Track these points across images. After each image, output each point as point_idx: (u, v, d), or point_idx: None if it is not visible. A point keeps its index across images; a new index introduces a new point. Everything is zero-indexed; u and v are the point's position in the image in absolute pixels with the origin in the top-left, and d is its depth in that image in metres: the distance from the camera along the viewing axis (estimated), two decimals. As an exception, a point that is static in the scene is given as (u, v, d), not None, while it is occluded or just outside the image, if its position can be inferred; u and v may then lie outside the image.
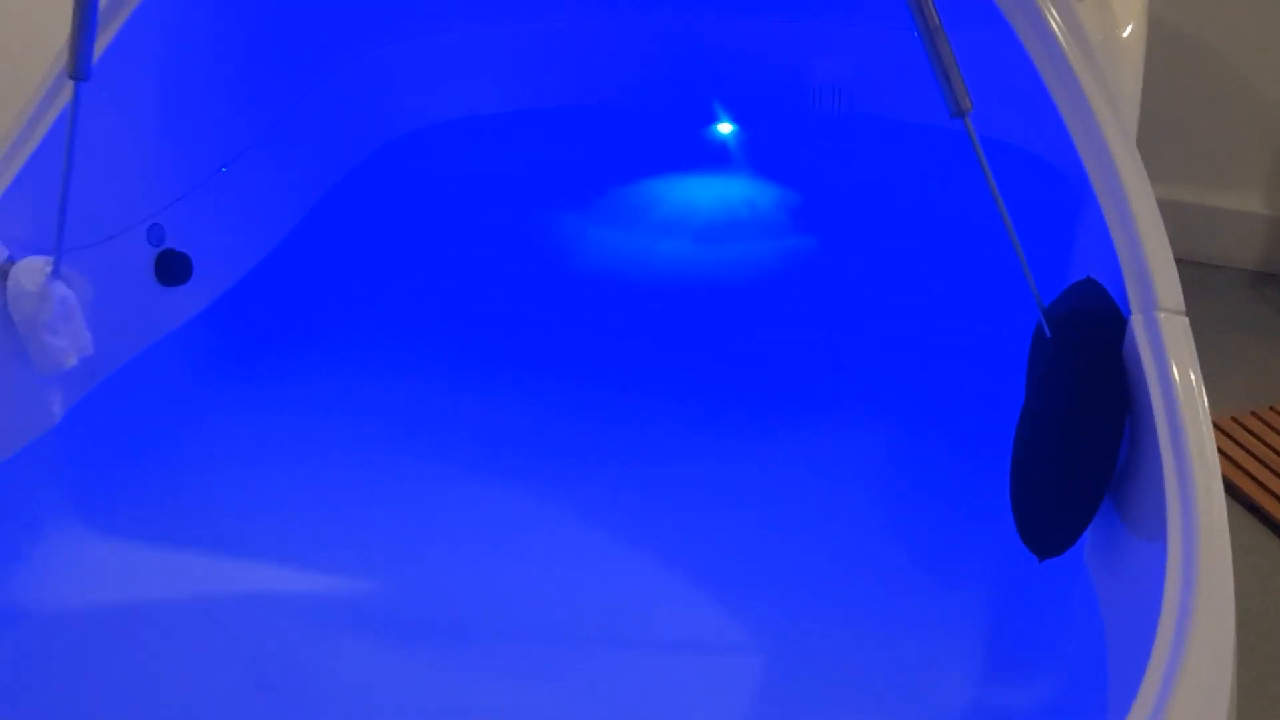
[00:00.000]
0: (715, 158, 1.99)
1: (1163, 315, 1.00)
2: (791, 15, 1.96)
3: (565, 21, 1.97)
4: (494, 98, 1.95)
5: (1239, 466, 1.74)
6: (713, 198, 1.91)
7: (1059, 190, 1.52)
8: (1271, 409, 1.86)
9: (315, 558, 1.28)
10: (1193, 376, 0.97)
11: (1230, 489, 1.72)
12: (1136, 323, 1.01)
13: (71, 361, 1.28)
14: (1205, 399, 0.96)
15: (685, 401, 1.50)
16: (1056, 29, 1.09)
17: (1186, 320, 1.00)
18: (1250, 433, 1.81)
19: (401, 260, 1.76)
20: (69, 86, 1.24)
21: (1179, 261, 1.04)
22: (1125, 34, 1.46)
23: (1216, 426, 1.80)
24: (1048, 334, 1.07)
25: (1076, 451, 1.03)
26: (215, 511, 1.34)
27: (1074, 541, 1.05)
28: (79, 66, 1.14)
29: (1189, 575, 0.86)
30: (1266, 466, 1.74)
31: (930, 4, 0.94)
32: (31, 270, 1.24)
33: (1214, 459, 0.93)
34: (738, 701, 1.11)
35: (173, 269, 1.47)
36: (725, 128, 2.02)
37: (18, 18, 1.92)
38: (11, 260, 1.25)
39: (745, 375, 1.54)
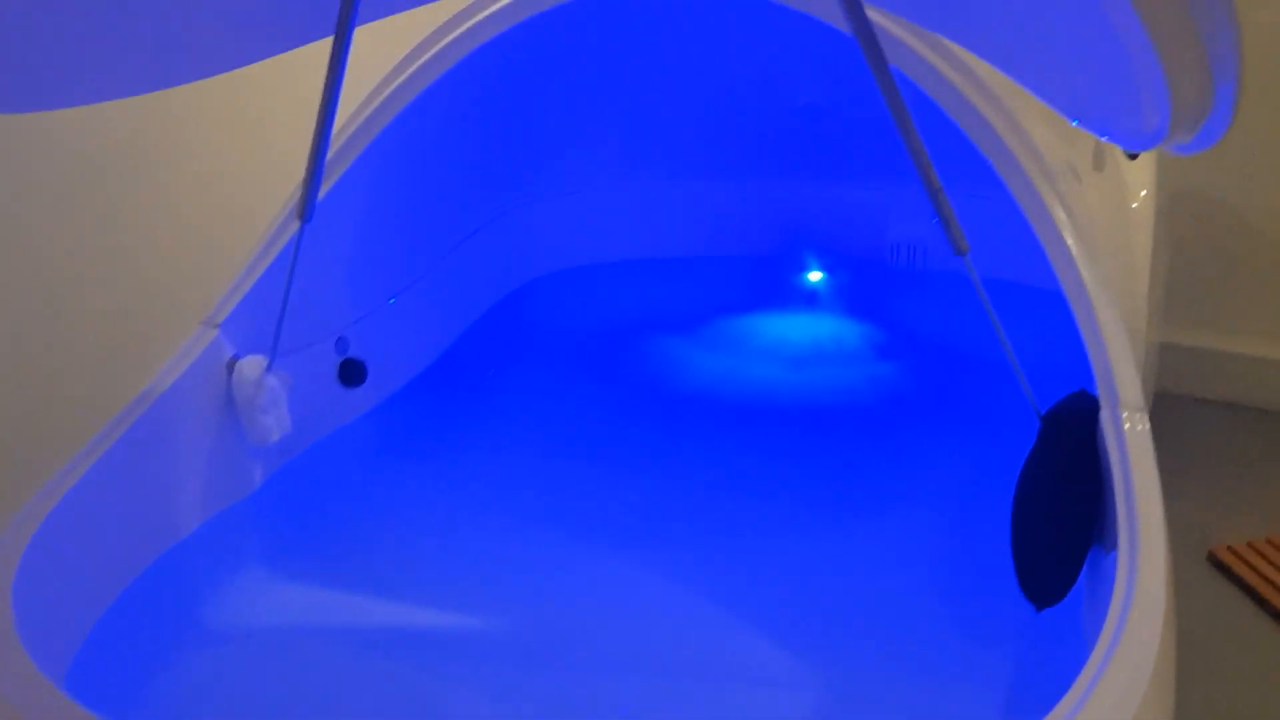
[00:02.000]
0: (807, 301, 2.32)
1: (1124, 411, 1.26)
2: (873, 184, 2.30)
3: (678, 186, 2.36)
4: (619, 248, 2.32)
5: (1270, 583, 1.93)
6: (803, 333, 2.23)
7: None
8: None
9: (458, 603, 1.56)
10: (1146, 457, 1.21)
11: (1262, 604, 1.91)
12: (1104, 417, 1.27)
13: (275, 437, 1.63)
14: (1157, 474, 1.20)
15: (773, 495, 1.76)
16: (1030, 170, 1.38)
17: (1145, 414, 1.25)
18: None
19: (538, 374, 2.10)
20: (292, 226, 1.63)
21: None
22: (1135, 205, 1.74)
23: (1251, 547, 2.00)
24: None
25: (1063, 519, 1.28)
26: (379, 564, 1.63)
27: (1065, 593, 1.29)
28: (306, 209, 1.51)
29: (1130, 588, 1.08)
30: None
31: (931, 170, 1.24)
32: (252, 365, 1.60)
33: (1159, 517, 1.15)
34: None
35: (353, 373, 1.83)
36: (816, 276, 2.34)
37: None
38: (237, 357, 1.62)
39: (824, 476, 1.81)
